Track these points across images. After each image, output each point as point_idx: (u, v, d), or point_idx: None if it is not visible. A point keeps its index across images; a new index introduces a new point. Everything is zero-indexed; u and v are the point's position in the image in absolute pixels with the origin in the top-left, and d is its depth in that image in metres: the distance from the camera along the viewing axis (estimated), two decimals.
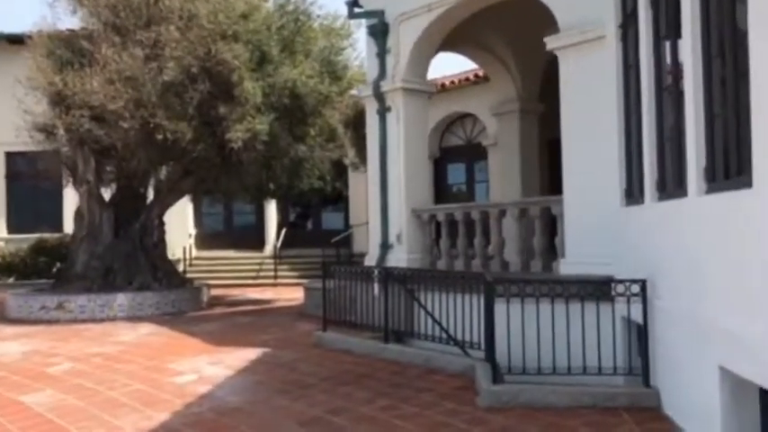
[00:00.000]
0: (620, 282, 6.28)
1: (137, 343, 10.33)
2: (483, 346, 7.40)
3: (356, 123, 14.12)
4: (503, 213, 9.36)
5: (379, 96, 10.77)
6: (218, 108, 12.07)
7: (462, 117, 18.28)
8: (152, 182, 14.84)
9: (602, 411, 5.92)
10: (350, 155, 15.58)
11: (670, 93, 5.65)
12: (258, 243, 22.37)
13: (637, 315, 6.25)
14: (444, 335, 8.26)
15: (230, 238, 22.98)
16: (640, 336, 6.37)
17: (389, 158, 10.73)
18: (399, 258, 10.46)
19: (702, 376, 4.80)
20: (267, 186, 13.61)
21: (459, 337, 7.98)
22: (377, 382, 7.30)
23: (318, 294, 10.92)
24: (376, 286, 9.19)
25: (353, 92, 12.63)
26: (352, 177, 20.00)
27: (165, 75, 12.00)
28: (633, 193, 7.05)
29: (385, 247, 10.71)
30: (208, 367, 8.38)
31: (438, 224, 10.37)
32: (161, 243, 15.02)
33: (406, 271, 9.34)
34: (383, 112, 10.78)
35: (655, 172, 6.06)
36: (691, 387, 5.21)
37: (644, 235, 6.40)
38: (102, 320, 12.99)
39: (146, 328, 11.80)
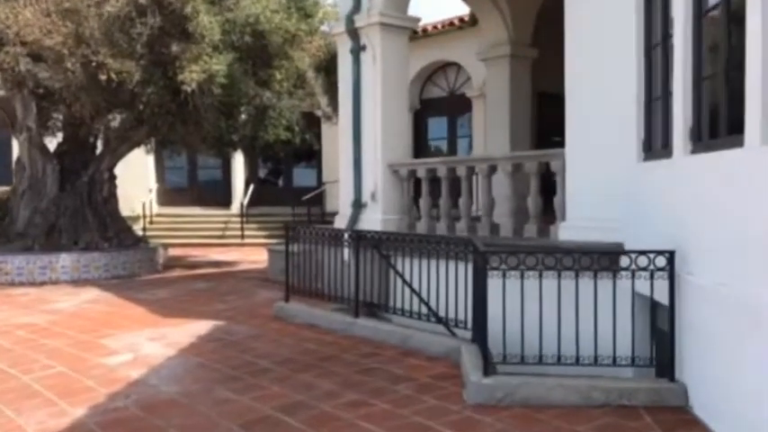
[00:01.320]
0: (642, 253, 5.11)
1: (73, 312, 9.05)
2: (471, 326, 6.25)
3: (329, 68, 12.67)
4: (493, 169, 8.15)
5: (353, 33, 9.41)
6: (170, 46, 10.59)
7: (445, 66, 16.93)
8: (102, 131, 13.34)
9: (617, 411, 4.81)
10: (322, 104, 14.19)
11: (723, 13, 4.40)
12: (225, 200, 20.98)
13: (661, 294, 5.11)
14: (425, 309, 7.10)
15: (195, 194, 21.55)
16: (655, 318, 5.25)
17: (364, 105, 9.42)
18: (373, 219, 9.24)
19: (749, 372, 3.70)
20: (228, 137, 12.18)
21: (442, 312, 6.83)
22: (344, 366, 6.13)
23: (284, 258, 9.70)
24: (346, 251, 7.97)
25: (324, 28, 11.22)
26: (326, 130, 18.56)
27: (109, 6, 10.45)
28: (654, 146, 5.85)
29: (357, 206, 9.47)
30: (147, 344, 7.15)
31: (418, 181, 9.15)
32: (112, 198, 13.61)
33: (380, 234, 8.13)
34: (357, 51, 9.43)
35: (689, 118, 4.85)
36: (732, 385, 4.12)
37: (669, 196, 5.21)
38: (42, 284, 11.66)
39: (88, 294, 10.51)
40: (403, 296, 7.46)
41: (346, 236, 7.98)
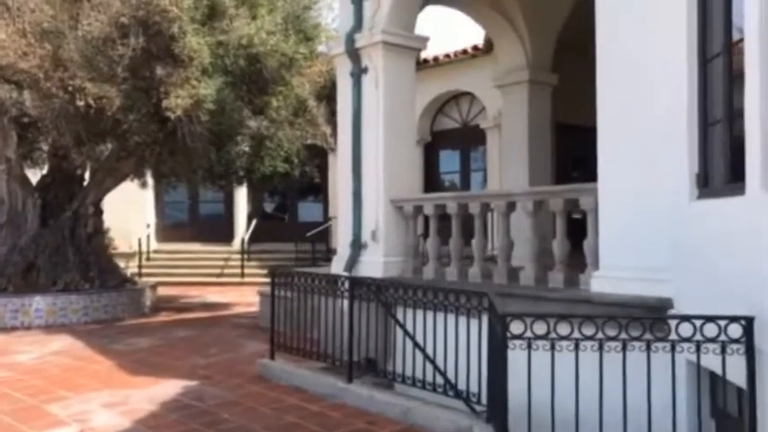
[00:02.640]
0: (709, 319, 3.94)
1: (32, 367, 7.95)
2: (486, 401, 5.08)
3: (331, 96, 11.67)
4: (512, 207, 7.02)
5: (353, 53, 8.39)
6: (154, 69, 9.67)
7: (458, 96, 15.94)
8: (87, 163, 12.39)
9: None
10: (326, 134, 13.18)
11: None
12: (226, 236, 19.95)
13: (735, 372, 3.93)
14: (432, 374, 5.93)
15: (195, 230, 20.54)
16: (715, 396, 4.06)
17: (364, 134, 8.36)
18: (374, 262, 8.11)
19: None
20: (220, 169, 11.16)
21: (452, 377, 5.66)
22: None
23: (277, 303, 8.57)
24: (343, 301, 6.84)
25: (321, 48, 10.25)
26: (332, 162, 17.59)
27: (87, 25, 9.57)
28: (713, 180, 4.71)
29: (356, 246, 8.36)
30: (101, 412, 6.03)
31: (425, 219, 8.03)
32: (97, 235, 12.60)
33: (381, 281, 7.01)
34: (358, 74, 8.41)
35: None
36: None
37: (741, 244, 4.06)
38: (13, 329, 10.61)
39: (58, 343, 9.42)
40: (405, 354, 6.30)
41: (341, 282, 6.85)
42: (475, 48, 14.47)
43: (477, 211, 7.24)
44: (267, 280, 16.91)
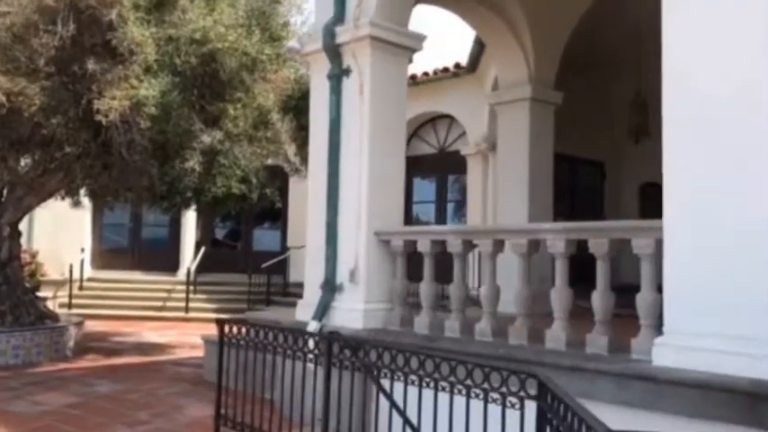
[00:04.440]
0: None
1: None
2: None
3: (299, 108, 10.10)
4: (535, 247, 5.50)
5: (333, 51, 6.85)
6: (85, 63, 7.94)
7: (435, 119, 14.55)
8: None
9: None
10: (289, 153, 11.54)
11: None
12: (170, 264, 17.96)
13: None
14: None
15: (136, 257, 18.53)
16: None
17: (344, 151, 6.79)
18: (352, 309, 6.49)
19: None
20: (163, 188, 9.37)
21: None
22: None
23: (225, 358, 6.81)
24: (316, 367, 5.16)
25: (293, 44, 8.64)
26: (293, 185, 15.94)
27: (6, 7, 7.82)
28: None
29: (330, 289, 6.71)
30: None
31: (417, 258, 6.45)
32: (13, 262, 10.61)
33: (362, 338, 5.38)
34: (338, 76, 6.85)
35: None
36: None
37: None
38: None
39: None
40: None
41: (311, 340, 5.18)
42: (457, 66, 13.12)
43: (488, 249, 5.69)
44: (216, 315, 15.21)
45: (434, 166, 14.45)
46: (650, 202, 14.53)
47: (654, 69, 11.17)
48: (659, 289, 4.70)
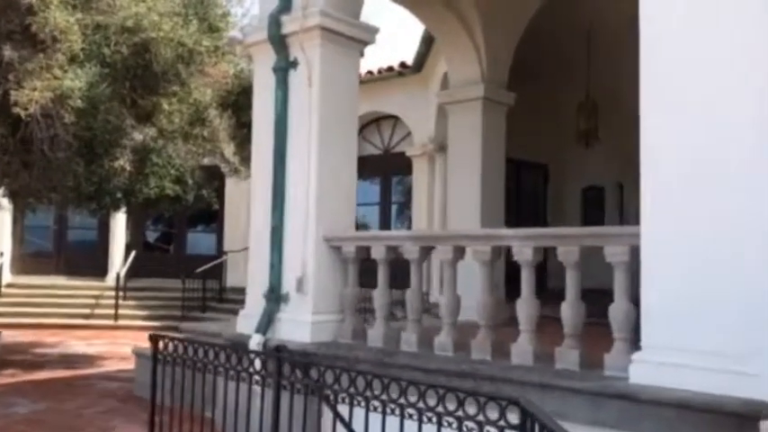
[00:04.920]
0: None
1: None
2: None
3: (239, 104, 9.56)
4: (498, 254, 5.15)
5: (279, 41, 6.34)
6: (1, 50, 7.19)
7: (379, 119, 14.16)
8: None
9: None
10: (227, 152, 10.93)
11: None
12: (99, 269, 16.97)
13: None
14: None
15: (61, 261, 17.45)
16: None
17: (291, 149, 6.29)
18: (299, 321, 6.00)
19: None
20: (90, 189, 8.63)
21: None
22: None
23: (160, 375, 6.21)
24: (258, 386, 4.65)
25: (233, 34, 8.04)
26: (230, 186, 15.29)
27: None
28: None
29: (275, 299, 6.20)
30: None
31: (372, 266, 6.01)
32: None
33: (313, 353, 4.92)
34: (285, 69, 6.35)
35: None
36: None
37: None
38: None
39: None
40: None
41: (257, 360, 4.67)
42: (403, 65, 12.77)
43: (448, 256, 5.31)
44: (148, 323, 14.43)
45: (379, 168, 14.06)
46: (592, 206, 14.59)
47: (604, 72, 11.27)
48: (633, 300, 4.42)
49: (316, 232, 6.05)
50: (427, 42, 11.22)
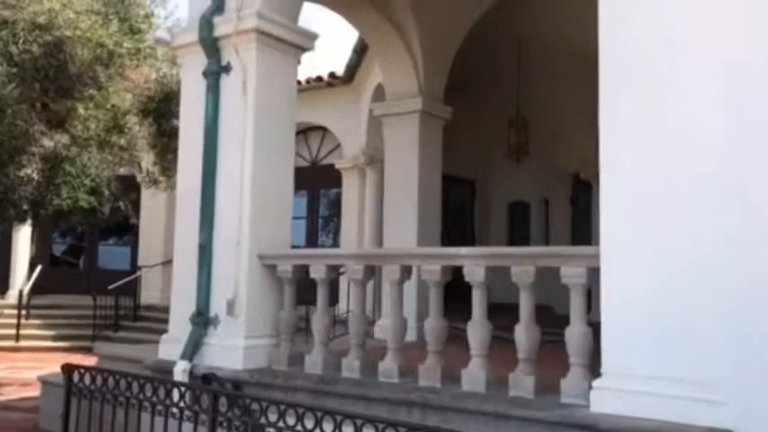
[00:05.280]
0: None
1: None
2: None
3: (161, 112, 8.96)
4: (448, 273, 4.88)
5: (211, 44, 5.90)
6: None
7: (307, 131, 13.75)
8: None
9: None
10: (145, 162, 10.28)
11: None
12: (0, 285, 15.76)
13: None
14: None
15: None
16: None
17: (223, 159, 5.85)
18: (230, 347, 5.53)
19: None
20: (1, 199, 7.82)
21: None
22: None
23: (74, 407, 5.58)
24: (186, 419, 4.19)
25: (158, 35, 7.50)
26: (146, 198, 14.46)
27: None
28: None
29: (202, 322, 5.71)
30: None
31: (311, 285, 5.64)
32: None
33: (245, 382, 4.49)
34: (216, 72, 5.91)
35: None
36: None
37: None
38: None
39: None
40: None
41: (188, 393, 4.21)
42: (332, 75, 12.44)
43: (395, 276, 4.99)
44: (55, 344, 13.43)
45: (306, 180, 13.55)
46: (518, 221, 14.68)
47: (534, 87, 11.30)
48: (591, 323, 4.24)
49: (249, 250, 5.62)
50: (359, 53, 10.95)
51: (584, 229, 13.03)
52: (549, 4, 9.34)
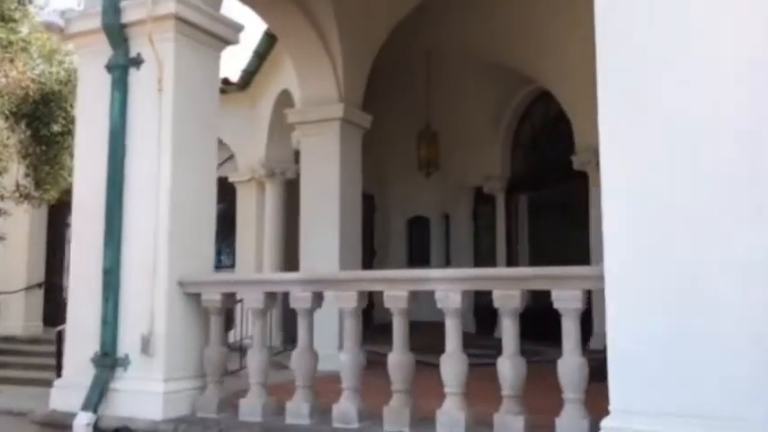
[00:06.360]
0: None
1: None
2: None
3: (36, 116, 7.74)
4: (414, 298, 4.24)
5: (117, 33, 4.96)
6: None
7: None
8: None
9: None
10: (14, 174, 8.88)
11: None
12: None
13: None
14: None
15: None
16: None
17: (132, 167, 4.91)
18: (146, 392, 4.60)
19: None
20: None
21: None
22: None
23: None
24: None
25: (49, 19, 6.30)
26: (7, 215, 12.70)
27: None
28: None
29: (109, 364, 4.73)
30: None
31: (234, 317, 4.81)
32: None
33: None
34: (124, 66, 4.97)
35: None
36: None
37: None
38: None
39: None
40: None
41: None
42: (226, 81, 11.48)
43: (351, 304, 4.29)
44: None
45: None
46: (417, 235, 14.35)
47: (440, 101, 10.97)
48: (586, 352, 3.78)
49: (168, 276, 4.71)
50: (260, 57, 10.16)
51: (485, 243, 12.90)
52: (458, 13, 9.05)
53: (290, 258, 10.75)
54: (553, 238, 11.11)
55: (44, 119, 7.57)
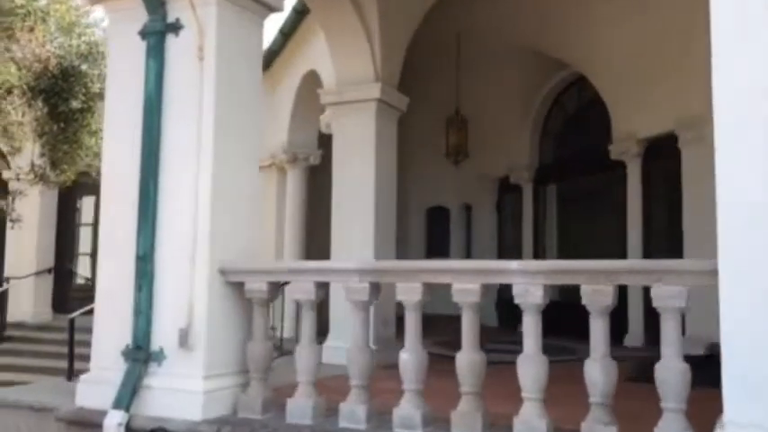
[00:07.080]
0: None
1: None
2: None
3: (54, 91, 7.29)
4: (486, 292, 3.81)
5: None
6: None
7: None
8: None
9: None
10: (28, 155, 8.44)
11: None
12: None
13: None
14: None
15: None
16: None
17: (170, 144, 4.48)
18: (184, 391, 4.18)
19: None
20: None
21: None
22: None
23: None
24: None
25: None
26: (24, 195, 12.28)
27: None
28: None
29: (143, 358, 4.31)
30: None
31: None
32: None
33: None
34: (161, 32, 4.53)
35: None
36: None
37: None
38: None
39: None
40: None
41: None
42: None
43: (415, 297, 3.87)
44: None
45: None
46: (436, 226, 13.91)
47: (469, 87, 10.50)
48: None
49: (209, 263, 4.29)
50: (285, 36, 9.73)
51: (510, 236, 12.46)
52: None
53: (312, 248, 10.35)
54: (585, 232, 10.67)
55: (63, 94, 7.14)
